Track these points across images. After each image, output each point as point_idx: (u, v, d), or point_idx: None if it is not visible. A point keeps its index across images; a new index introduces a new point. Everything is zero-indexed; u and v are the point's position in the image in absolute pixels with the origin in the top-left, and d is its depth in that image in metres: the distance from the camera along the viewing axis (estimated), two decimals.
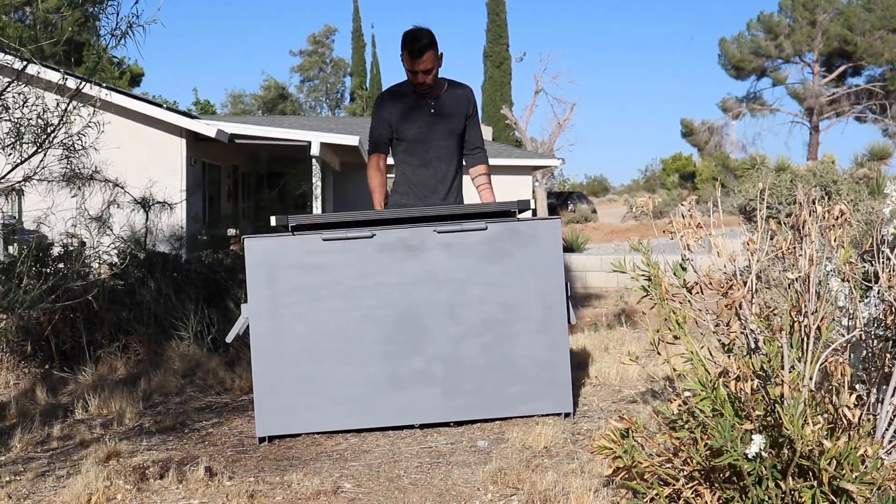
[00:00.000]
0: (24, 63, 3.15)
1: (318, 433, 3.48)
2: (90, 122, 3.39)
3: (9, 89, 3.06)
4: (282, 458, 3.21)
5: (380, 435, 3.46)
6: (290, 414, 3.43)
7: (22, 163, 3.21)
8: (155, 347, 5.33)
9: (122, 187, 6.20)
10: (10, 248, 5.24)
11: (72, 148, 3.54)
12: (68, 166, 3.92)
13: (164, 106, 13.91)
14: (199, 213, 13.89)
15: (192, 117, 14.41)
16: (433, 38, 3.95)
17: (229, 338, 3.53)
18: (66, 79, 3.32)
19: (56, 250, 5.58)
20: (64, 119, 3.24)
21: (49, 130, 3.19)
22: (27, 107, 3.13)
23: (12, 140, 3.11)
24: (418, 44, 3.90)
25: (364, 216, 3.54)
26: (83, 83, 3.35)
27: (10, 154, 3.16)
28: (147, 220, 6.63)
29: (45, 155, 3.33)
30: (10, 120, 3.11)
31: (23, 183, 3.39)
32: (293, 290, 3.43)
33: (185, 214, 11.60)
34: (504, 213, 3.59)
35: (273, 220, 3.50)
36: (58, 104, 3.21)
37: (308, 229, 3.48)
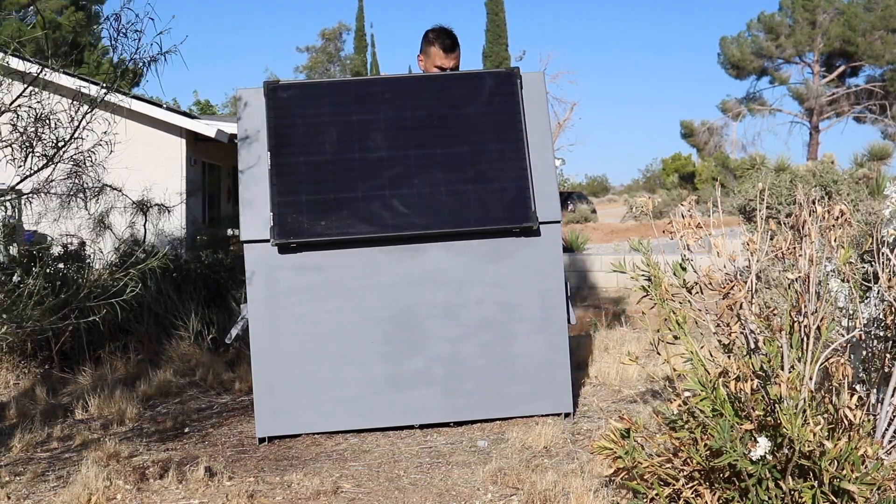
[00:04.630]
0: (40, 70, 3.14)
1: (317, 433, 3.48)
2: (104, 134, 3.38)
3: (19, 97, 3.04)
4: (282, 459, 3.21)
5: (380, 435, 3.46)
6: (289, 414, 3.43)
7: (31, 175, 3.19)
8: (155, 347, 5.32)
9: (121, 190, 6.19)
10: (11, 248, 5.23)
11: (82, 163, 3.53)
12: (77, 181, 3.91)
13: (164, 106, 13.87)
14: (199, 213, 13.87)
15: (192, 117, 14.38)
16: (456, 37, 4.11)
17: (228, 338, 3.53)
18: (86, 88, 3.32)
19: (56, 250, 5.58)
20: (76, 134, 3.22)
21: (60, 145, 3.17)
22: (38, 114, 3.11)
23: (23, 151, 3.09)
24: (450, 40, 4.03)
25: (367, 235, 3.43)
26: (95, 89, 3.33)
27: (20, 166, 3.14)
28: (146, 221, 6.62)
29: (54, 168, 3.31)
30: (21, 128, 3.09)
31: (31, 195, 3.38)
32: (292, 290, 3.42)
33: (185, 215, 11.60)
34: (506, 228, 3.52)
35: (272, 241, 3.35)
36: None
37: (309, 248, 3.43)
